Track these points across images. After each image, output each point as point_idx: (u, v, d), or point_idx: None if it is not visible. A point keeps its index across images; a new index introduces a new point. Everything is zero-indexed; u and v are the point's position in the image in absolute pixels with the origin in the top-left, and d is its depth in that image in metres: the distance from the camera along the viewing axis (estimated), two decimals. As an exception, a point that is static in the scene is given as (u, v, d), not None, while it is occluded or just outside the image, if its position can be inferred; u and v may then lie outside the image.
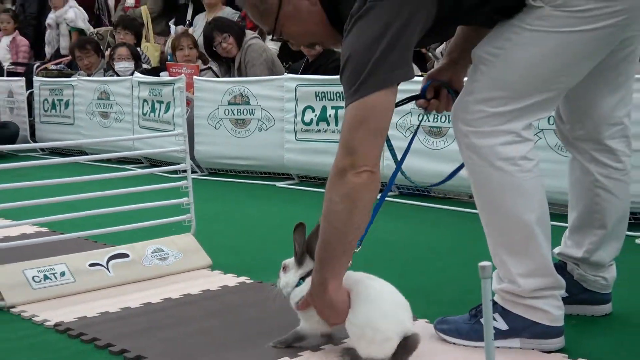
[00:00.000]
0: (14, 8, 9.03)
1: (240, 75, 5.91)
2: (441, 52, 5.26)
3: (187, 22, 7.16)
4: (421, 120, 3.21)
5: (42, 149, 6.95)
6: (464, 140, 2.14)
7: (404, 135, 4.59)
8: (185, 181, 3.16)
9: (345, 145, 2.03)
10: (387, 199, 4.55)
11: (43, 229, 3.63)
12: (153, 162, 5.69)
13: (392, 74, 1.98)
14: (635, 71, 2.35)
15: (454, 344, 2.20)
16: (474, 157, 2.13)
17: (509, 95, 2.10)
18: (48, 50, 8.27)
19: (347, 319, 2.07)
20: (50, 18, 8.09)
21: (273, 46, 6.30)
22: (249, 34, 6.05)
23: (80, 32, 7.89)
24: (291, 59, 6.13)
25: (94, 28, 8.11)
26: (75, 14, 7.97)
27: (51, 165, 3.22)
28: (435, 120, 4.45)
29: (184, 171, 3.18)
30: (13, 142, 6.94)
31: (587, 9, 2.02)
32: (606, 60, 2.20)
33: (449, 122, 4.37)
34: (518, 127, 2.10)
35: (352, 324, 2.05)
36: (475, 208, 2.15)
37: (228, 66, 6.14)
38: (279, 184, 5.22)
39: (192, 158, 5.59)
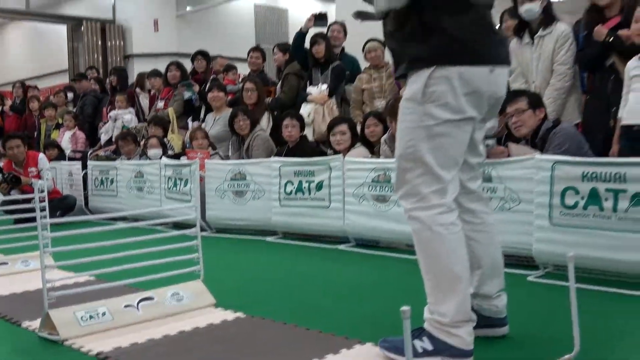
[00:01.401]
0: (75, 110, 9.05)
1: (247, 153, 5.94)
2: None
3: (201, 119, 7.21)
4: None
5: (93, 214, 6.93)
6: (410, 212, 2.16)
7: (359, 203, 4.61)
8: (196, 241, 3.17)
9: None
10: (344, 248, 4.61)
11: (91, 278, 3.60)
12: (176, 224, 5.65)
13: None
14: (480, 153, 2.38)
15: (393, 359, 2.19)
16: (417, 224, 2.14)
17: (435, 177, 2.13)
18: (104, 137, 8.23)
19: None
20: (113, 112, 8.09)
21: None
22: (259, 127, 6.11)
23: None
24: (278, 144, 6.14)
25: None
26: (131, 118, 8.02)
27: (102, 228, 3.23)
28: (381, 190, 4.48)
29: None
30: (72, 210, 6.99)
31: (450, 102, 2.07)
32: None
33: (390, 191, 4.41)
34: (448, 201, 2.14)
35: None
36: (410, 254, 2.22)
37: (239, 145, 6.15)
38: (268, 239, 5.21)
39: (204, 219, 5.60)
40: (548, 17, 4.46)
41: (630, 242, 3.21)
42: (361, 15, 2.31)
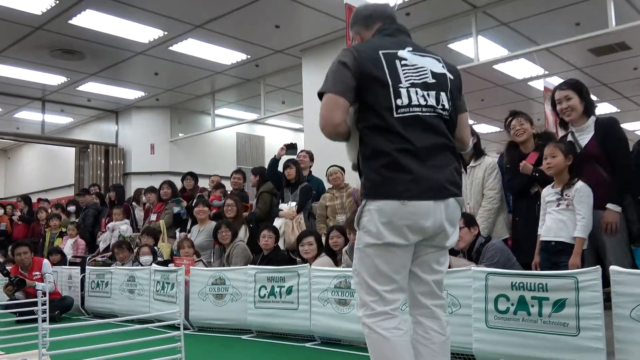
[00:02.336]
0: (77, 221, 8.93)
1: (228, 261, 5.85)
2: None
3: (187, 230, 7.15)
4: None
5: (89, 313, 6.71)
6: (361, 320, 2.22)
7: (323, 305, 4.56)
8: (179, 343, 3.07)
9: None
10: (310, 346, 4.48)
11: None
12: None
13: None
14: (432, 272, 2.32)
15: None
16: (366, 329, 2.19)
17: (372, 290, 2.20)
18: (102, 245, 8.03)
19: None
20: (111, 224, 7.95)
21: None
22: (238, 237, 6.08)
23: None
24: (255, 252, 6.09)
25: (127, 233, 8.02)
26: (126, 228, 7.89)
27: (98, 331, 3.12)
28: (342, 295, 4.45)
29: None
30: (69, 309, 6.76)
31: (372, 229, 2.18)
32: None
33: (350, 296, 4.38)
34: (388, 309, 2.17)
35: None
36: (364, 351, 2.19)
37: (221, 253, 6.09)
38: (243, 337, 5.06)
39: (187, 319, 5.44)
40: (478, 151, 4.66)
41: (554, 344, 3.22)
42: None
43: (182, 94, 11.53)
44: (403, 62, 2.23)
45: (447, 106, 2.26)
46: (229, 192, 7.49)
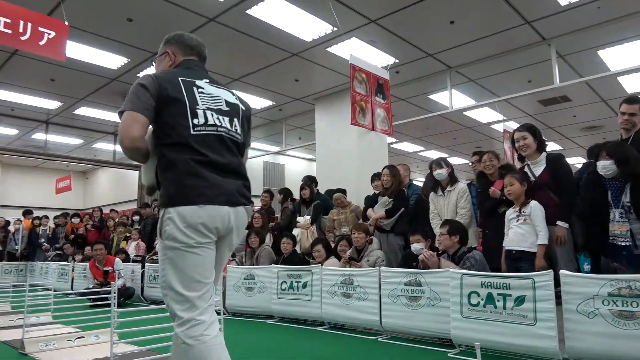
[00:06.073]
0: (139, 227, 8.91)
1: (257, 261, 5.79)
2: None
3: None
4: None
5: (147, 300, 6.64)
6: (175, 330, 1.79)
7: (332, 297, 4.48)
8: (219, 325, 3.03)
9: None
10: (321, 330, 4.36)
11: (144, 350, 3.37)
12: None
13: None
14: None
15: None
16: (176, 339, 1.78)
17: (182, 297, 1.78)
18: (158, 247, 7.98)
19: None
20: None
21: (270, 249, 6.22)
22: (265, 243, 6.00)
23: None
24: (277, 255, 6.03)
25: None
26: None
27: (154, 314, 3.08)
28: (347, 289, 4.36)
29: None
30: (131, 297, 6.70)
31: (177, 235, 1.79)
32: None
33: (353, 290, 4.30)
34: (194, 315, 1.77)
35: None
36: (367, 335, 2.02)
37: (251, 255, 6.02)
38: (268, 321, 4.98)
39: (224, 306, 5.38)
40: (452, 178, 4.63)
41: (515, 331, 3.15)
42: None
43: (222, 131, 11.58)
44: (200, 89, 1.96)
45: (239, 130, 2.02)
46: (257, 208, 7.47)
